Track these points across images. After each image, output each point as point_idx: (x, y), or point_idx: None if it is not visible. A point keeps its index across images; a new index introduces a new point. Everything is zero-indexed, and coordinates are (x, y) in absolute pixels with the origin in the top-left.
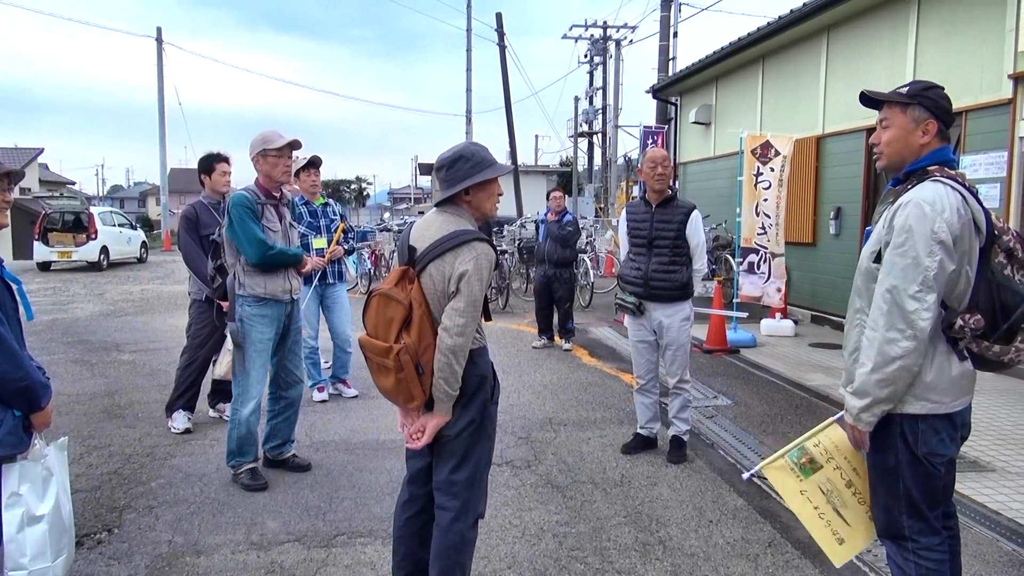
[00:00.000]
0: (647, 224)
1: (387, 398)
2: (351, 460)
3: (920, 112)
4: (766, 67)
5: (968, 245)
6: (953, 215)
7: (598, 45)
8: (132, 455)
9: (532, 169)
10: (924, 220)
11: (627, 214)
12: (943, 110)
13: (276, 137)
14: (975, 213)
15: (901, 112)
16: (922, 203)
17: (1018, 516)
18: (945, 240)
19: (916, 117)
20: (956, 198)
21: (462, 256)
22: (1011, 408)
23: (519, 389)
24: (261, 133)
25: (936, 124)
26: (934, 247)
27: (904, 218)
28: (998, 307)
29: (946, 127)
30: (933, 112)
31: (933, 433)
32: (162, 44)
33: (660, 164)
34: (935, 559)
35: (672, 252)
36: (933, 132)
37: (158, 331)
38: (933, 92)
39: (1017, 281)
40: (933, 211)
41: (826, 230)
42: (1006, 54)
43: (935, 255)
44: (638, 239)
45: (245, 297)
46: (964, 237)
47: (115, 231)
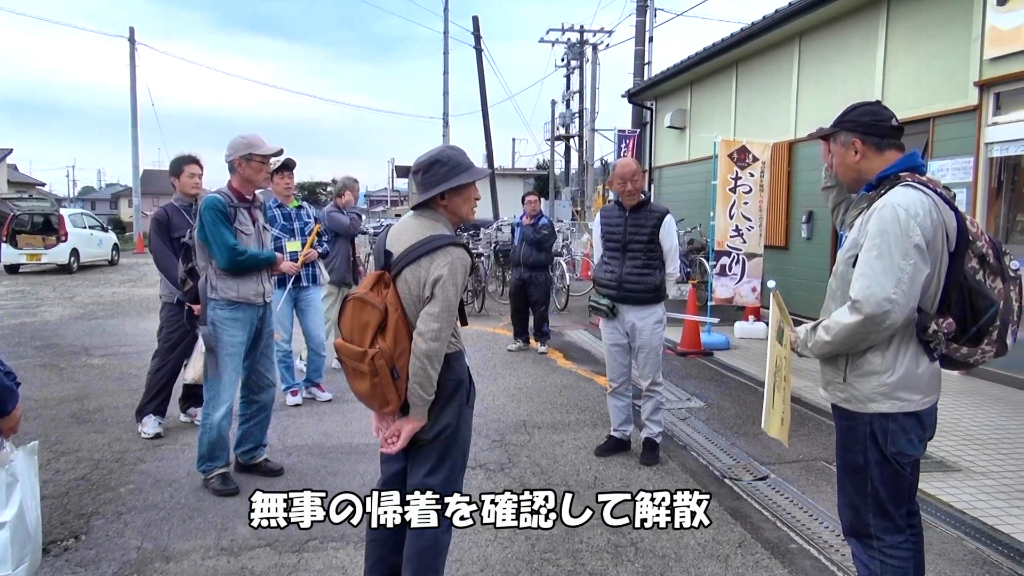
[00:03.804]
0: (621, 228)
1: (362, 402)
2: (324, 464)
3: (844, 136)
4: (740, 73)
5: (940, 248)
6: (926, 219)
7: (575, 49)
8: (101, 460)
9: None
10: (899, 223)
11: (601, 218)
12: (864, 125)
13: (262, 143)
14: (946, 218)
15: (832, 141)
16: (897, 207)
17: (982, 515)
18: (919, 243)
19: (843, 141)
20: (928, 202)
21: (437, 261)
22: (976, 408)
23: (494, 392)
24: (245, 136)
25: (860, 140)
26: (909, 250)
27: (879, 221)
28: (969, 311)
29: (879, 138)
30: (854, 131)
31: (902, 433)
32: (135, 45)
33: (629, 180)
34: (899, 556)
35: (645, 256)
36: (862, 148)
37: (129, 335)
38: (852, 113)
39: (988, 286)
40: (907, 215)
41: (798, 234)
42: (972, 62)
43: (910, 257)
44: (612, 242)
45: (217, 301)
46: (937, 240)
47: (86, 233)
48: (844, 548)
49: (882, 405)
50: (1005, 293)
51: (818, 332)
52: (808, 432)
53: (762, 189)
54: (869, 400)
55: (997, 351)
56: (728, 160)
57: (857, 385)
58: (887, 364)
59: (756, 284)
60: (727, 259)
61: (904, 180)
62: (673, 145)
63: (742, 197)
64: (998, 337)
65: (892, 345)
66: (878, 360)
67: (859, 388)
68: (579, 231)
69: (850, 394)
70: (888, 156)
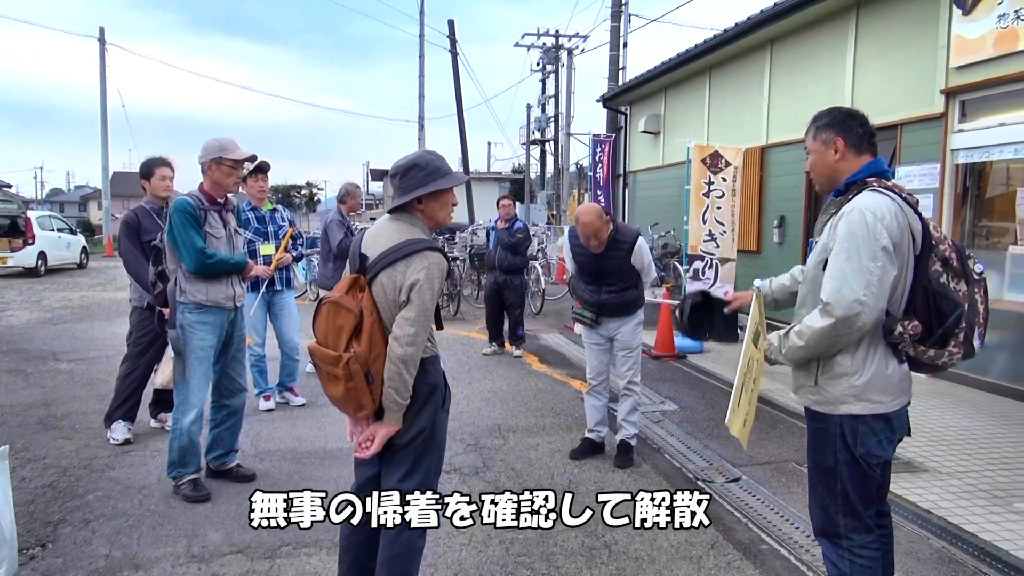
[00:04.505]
0: (592, 262)
1: (336, 406)
2: (297, 469)
3: (826, 134)
4: (713, 79)
5: (906, 252)
6: (893, 222)
7: (550, 54)
8: (68, 468)
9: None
10: (867, 227)
11: (570, 244)
12: (846, 126)
13: (234, 147)
14: (911, 221)
15: (812, 139)
16: (864, 211)
17: (948, 515)
18: (887, 246)
19: (824, 139)
20: (894, 206)
21: (414, 265)
22: (943, 410)
23: (469, 396)
24: (217, 139)
25: (842, 140)
26: (877, 252)
27: (848, 225)
28: (934, 314)
29: (858, 140)
30: (838, 131)
31: (872, 435)
32: (105, 45)
33: (594, 236)
34: (868, 556)
35: (621, 281)
36: (842, 148)
37: (98, 339)
38: (834, 115)
39: (952, 289)
40: (875, 218)
41: (770, 238)
42: (938, 70)
43: (878, 260)
44: (585, 272)
45: (186, 304)
46: (903, 243)
47: (54, 236)
48: (814, 548)
49: (853, 407)
50: (970, 296)
51: (791, 338)
52: (779, 435)
53: (735, 194)
54: (840, 402)
55: (964, 353)
56: (701, 165)
57: (828, 388)
58: (856, 366)
59: (729, 288)
60: (700, 263)
61: (871, 185)
62: (647, 150)
63: (715, 202)
64: (964, 339)
65: (861, 347)
66: (848, 362)
67: (830, 391)
68: (554, 235)
69: (822, 396)
70: (863, 159)
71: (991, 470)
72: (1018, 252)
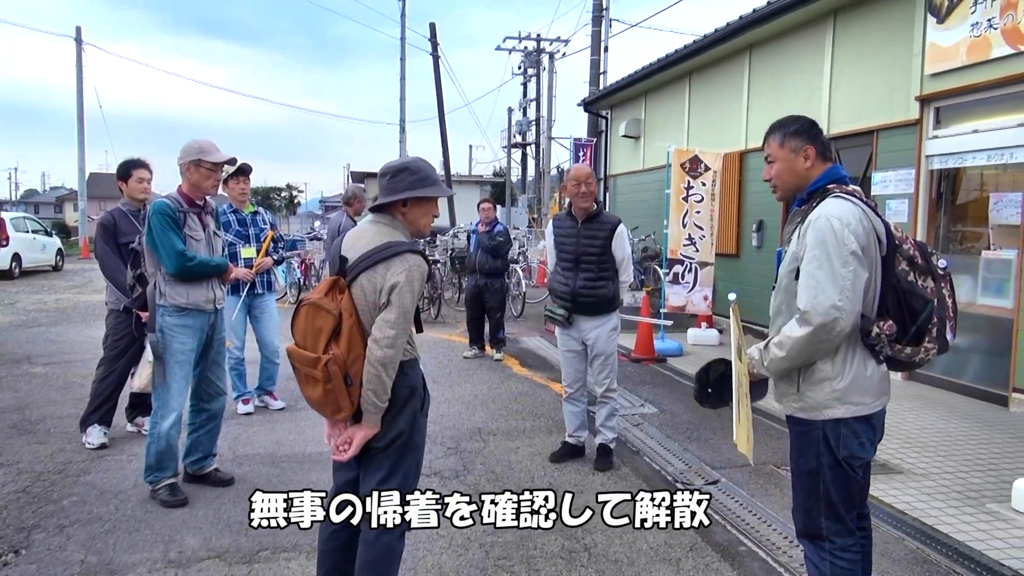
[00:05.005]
0: (573, 240)
1: (315, 409)
2: (276, 473)
3: (796, 142)
4: (693, 83)
5: (874, 254)
6: (858, 226)
7: (531, 57)
8: (43, 472)
9: (466, 179)
10: (834, 233)
11: (554, 227)
12: (814, 134)
13: (214, 150)
14: (875, 224)
15: (780, 147)
16: (830, 218)
17: (922, 516)
18: (855, 250)
19: (794, 147)
20: (858, 211)
21: (394, 268)
22: (917, 413)
23: (449, 399)
24: (197, 141)
25: (813, 148)
26: (847, 257)
27: (816, 232)
28: (906, 312)
29: (824, 148)
30: (805, 137)
31: (854, 437)
32: (82, 45)
33: (584, 183)
34: (849, 559)
35: (598, 268)
36: (814, 156)
37: (74, 342)
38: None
39: (920, 286)
40: (841, 224)
41: (749, 242)
42: (913, 77)
43: (849, 264)
44: (565, 255)
45: (166, 307)
46: (870, 246)
47: (28, 238)
48: (792, 550)
49: (836, 411)
50: (937, 291)
51: (771, 350)
52: (758, 437)
53: (714, 198)
54: (824, 407)
55: (939, 348)
56: (680, 169)
57: (811, 394)
58: (837, 370)
59: (708, 292)
60: (680, 267)
61: (832, 192)
62: (628, 154)
63: (694, 206)
64: (938, 334)
65: (840, 352)
66: (828, 367)
67: (813, 396)
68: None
69: (805, 403)
70: (827, 166)
71: (964, 471)
72: (991, 256)
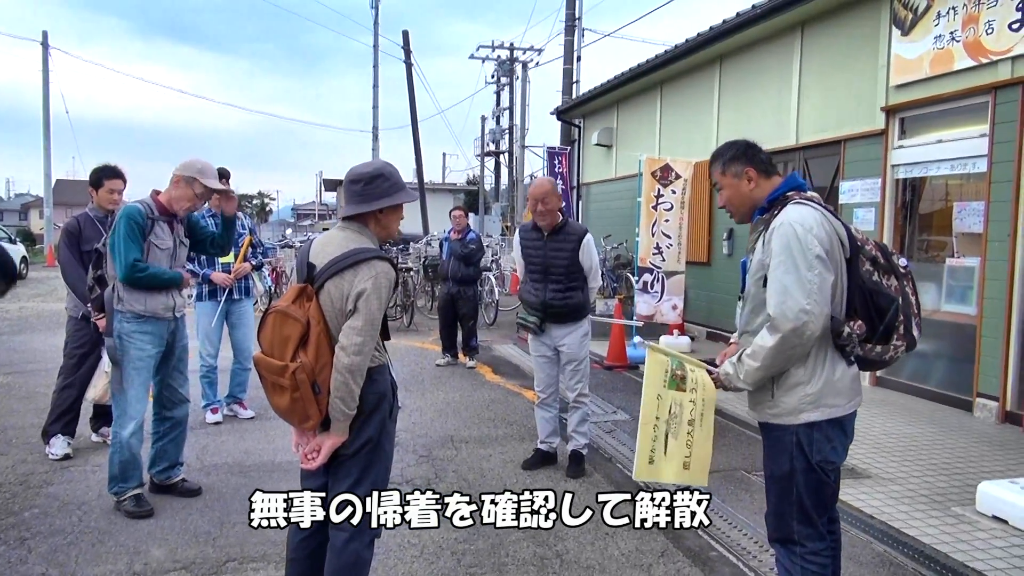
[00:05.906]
0: (540, 253)
1: (282, 418)
2: (244, 483)
3: (736, 167)
4: (664, 93)
5: (838, 257)
6: (820, 230)
7: (505, 66)
8: (3, 484)
9: (439, 187)
10: (798, 239)
11: (520, 238)
12: (752, 156)
13: (213, 176)
14: (836, 228)
15: (722, 174)
16: (792, 224)
17: (889, 519)
18: (820, 254)
19: (736, 172)
20: (819, 216)
21: (361, 274)
22: (885, 418)
23: (422, 407)
24: (200, 161)
25: (752, 169)
26: (812, 261)
27: (780, 239)
28: (873, 311)
29: (764, 166)
30: (742, 161)
31: (827, 441)
32: (48, 49)
33: (541, 202)
34: (819, 563)
35: (567, 279)
36: (756, 176)
37: (37, 351)
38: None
39: (885, 285)
40: (804, 229)
41: (720, 251)
42: (879, 88)
43: (814, 268)
44: (533, 266)
45: (123, 313)
46: (834, 249)
47: None
48: (762, 554)
49: (811, 414)
50: (901, 289)
51: (745, 362)
52: (728, 443)
53: (683, 206)
54: (799, 411)
55: (908, 344)
56: (652, 178)
57: (784, 400)
58: (808, 374)
59: (677, 302)
60: (649, 276)
61: (792, 199)
62: (600, 162)
63: (663, 215)
64: (905, 331)
65: (811, 356)
66: (800, 372)
67: (787, 402)
68: (509, 246)
69: (780, 409)
70: (773, 181)
71: (931, 475)
72: (955, 264)
